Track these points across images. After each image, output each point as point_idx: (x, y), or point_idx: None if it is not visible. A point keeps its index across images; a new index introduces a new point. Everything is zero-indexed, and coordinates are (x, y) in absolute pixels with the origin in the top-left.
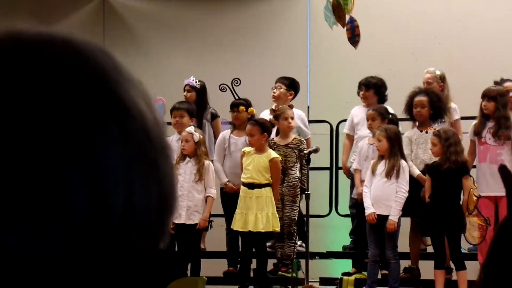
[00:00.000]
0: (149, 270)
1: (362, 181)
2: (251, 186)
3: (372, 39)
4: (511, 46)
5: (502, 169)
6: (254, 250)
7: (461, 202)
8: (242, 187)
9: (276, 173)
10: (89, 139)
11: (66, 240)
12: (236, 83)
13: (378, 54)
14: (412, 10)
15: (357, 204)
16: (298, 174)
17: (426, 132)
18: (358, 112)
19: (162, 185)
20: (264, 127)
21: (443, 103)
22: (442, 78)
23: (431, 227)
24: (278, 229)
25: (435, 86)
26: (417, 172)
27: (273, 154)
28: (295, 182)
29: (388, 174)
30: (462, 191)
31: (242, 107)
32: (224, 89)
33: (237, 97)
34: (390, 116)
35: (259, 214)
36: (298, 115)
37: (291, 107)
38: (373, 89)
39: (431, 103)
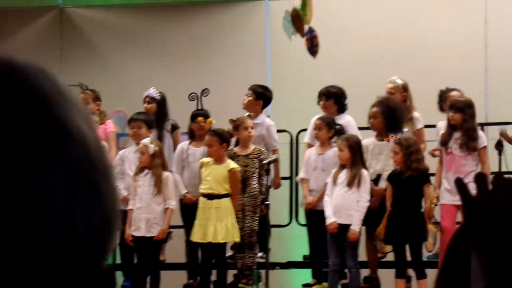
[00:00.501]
0: None
1: (310, 191)
2: (210, 196)
3: (331, 49)
4: (469, 54)
5: (459, 182)
6: (214, 261)
7: (422, 210)
8: (201, 198)
9: (235, 184)
10: (31, 163)
11: (7, 256)
12: (205, 94)
13: (337, 63)
14: (370, 20)
15: (307, 214)
16: (258, 184)
17: (388, 141)
18: None
19: (105, 208)
20: (223, 137)
21: (400, 114)
22: (405, 88)
23: (393, 235)
24: (238, 239)
25: (397, 96)
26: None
27: (232, 164)
28: (255, 193)
29: (350, 183)
30: (423, 199)
31: (210, 120)
32: (193, 98)
33: (199, 107)
34: (337, 126)
35: (218, 225)
36: (267, 125)
37: (250, 117)
38: (333, 99)
39: (384, 114)
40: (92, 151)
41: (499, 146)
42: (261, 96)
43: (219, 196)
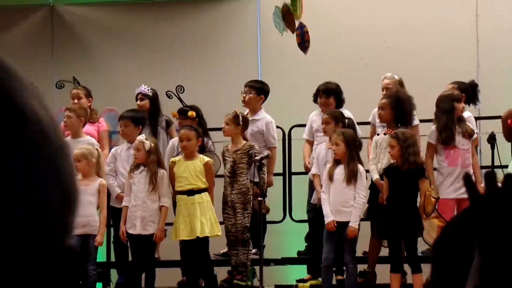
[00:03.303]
0: (54, 266)
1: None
2: (191, 192)
3: (322, 45)
4: (460, 50)
5: (467, 178)
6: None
7: (417, 205)
8: (179, 196)
9: (211, 177)
10: None
11: None
12: (180, 90)
13: (328, 59)
14: (362, 16)
15: (315, 209)
16: (248, 180)
17: (384, 134)
18: (317, 118)
19: (63, 182)
20: (199, 132)
21: (408, 106)
22: (401, 83)
23: (388, 230)
24: (219, 233)
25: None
26: (375, 176)
27: (206, 158)
28: (245, 189)
29: (349, 180)
30: (418, 194)
31: (191, 112)
32: (170, 96)
33: (184, 104)
34: (346, 120)
35: (203, 219)
36: (266, 121)
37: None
38: (333, 95)
39: (392, 105)
40: (47, 128)
41: (491, 140)
42: (262, 91)
43: (200, 191)
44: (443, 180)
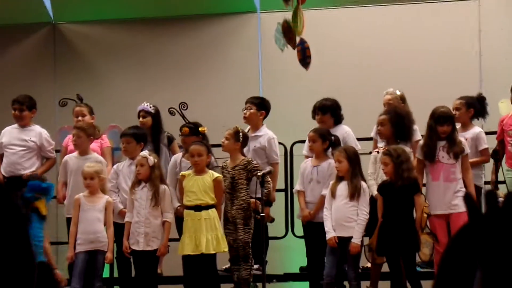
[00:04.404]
0: None
1: (306, 203)
2: (198, 208)
3: (323, 60)
4: (462, 60)
5: (468, 198)
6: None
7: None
8: (186, 211)
9: (221, 193)
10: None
11: None
12: (184, 107)
13: (330, 74)
14: (364, 31)
15: (304, 226)
16: (248, 196)
17: (377, 152)
18: None
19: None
20: (210, 148)
21: (408, 122)
22: (403, 98)
23: (385, 247)
24: (226, 249)
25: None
26: (375, 192)
27: (215, 173)
28: (245, 205)
29: (352, 196)
30: (414, 209)
31: (185, 129)
32: (172, 112)
33: (187, 121)
34: (332, 137)
35: (209, 235)
36: (268, 137)
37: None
38: (329, 112)
39: (391, 121)
40: None
41: (496, 155)
42: (262, 107)
43: (207, 207)
44: (430, 195)
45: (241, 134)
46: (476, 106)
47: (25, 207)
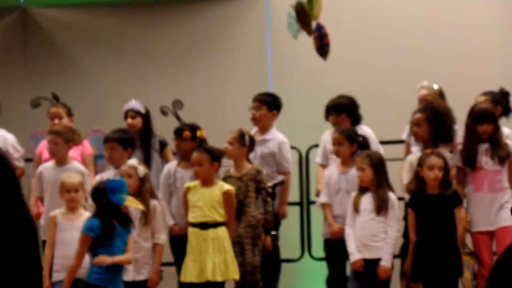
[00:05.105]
0: None
1: (334, 217)
2: (204, 226)
3: (343, 50)
4: (502, 54)
5: None
6: None
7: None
8: (191, 229)
9: (232, 209)
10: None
11: None
12: (179, 105)
13: (351, 66)
14: (390, 14)
15: (329, 246)
16: (258, 212)
17: (431, 153)
18: (330, 139)
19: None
20: (214, 155)
21: (448, 120)
22: (441, 94)
23: (423, 272)
24: (237, 277)
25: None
26: None
27: (226, 185)
28: (254, 222)
29: (379, 210)
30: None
31: (187, 132)
32: (165, 112)
33: (182, 122)
34: (360, 138)
35: (216, 259)
36: (279, 141)
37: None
38: (345, 112)
39: (429, 120)
40: None
41: None
42: (274, 106)
43: (215, 225)
44: (472, 208)
45: (247, 137)
46: (502, 103)
47: (115, 214)
